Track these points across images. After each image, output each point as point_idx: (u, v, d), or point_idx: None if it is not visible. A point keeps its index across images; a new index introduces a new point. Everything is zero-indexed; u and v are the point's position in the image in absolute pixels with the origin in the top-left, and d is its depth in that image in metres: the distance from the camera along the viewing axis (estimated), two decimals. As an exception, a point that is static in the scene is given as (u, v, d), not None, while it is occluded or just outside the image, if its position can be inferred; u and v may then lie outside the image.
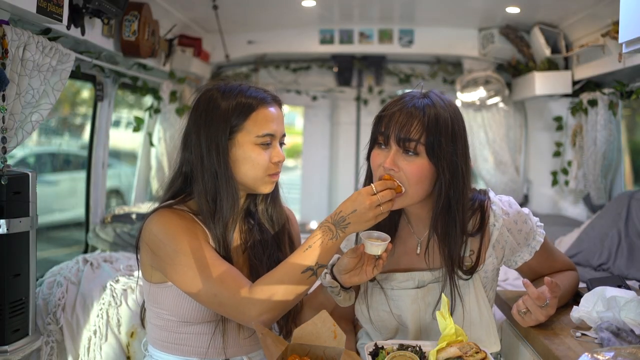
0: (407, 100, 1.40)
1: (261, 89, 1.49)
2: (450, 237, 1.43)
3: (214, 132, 1.41)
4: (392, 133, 1.36)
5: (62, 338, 2.34)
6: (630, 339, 1.29)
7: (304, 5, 3.57)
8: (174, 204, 1.45)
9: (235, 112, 1.41)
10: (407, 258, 1.53)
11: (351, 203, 1.31)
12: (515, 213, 1.51)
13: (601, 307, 1.40)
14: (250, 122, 1.41)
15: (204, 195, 1.41)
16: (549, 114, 4.02)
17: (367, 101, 4.81)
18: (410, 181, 1.36)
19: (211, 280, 1.32)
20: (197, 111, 1.45)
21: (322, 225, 1.33)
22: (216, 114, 1.41)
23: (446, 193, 1.39)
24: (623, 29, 1.58)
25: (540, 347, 1.40)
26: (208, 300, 1.34)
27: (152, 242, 1.39)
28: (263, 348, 1.20)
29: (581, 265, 2.91)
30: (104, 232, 3.15)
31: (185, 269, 1.34)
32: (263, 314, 1.30)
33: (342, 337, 1.28)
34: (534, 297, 1.37)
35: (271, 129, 1.43)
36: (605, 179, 3.41)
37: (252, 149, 1.42)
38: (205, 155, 1.41)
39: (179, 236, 1.36)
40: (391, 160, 1.36)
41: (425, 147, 1.35)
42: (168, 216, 1.40)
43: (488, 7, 3.53)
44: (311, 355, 1.27)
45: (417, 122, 1.35)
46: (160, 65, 3.49)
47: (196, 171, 1.43)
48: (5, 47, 1.79)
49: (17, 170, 1.99)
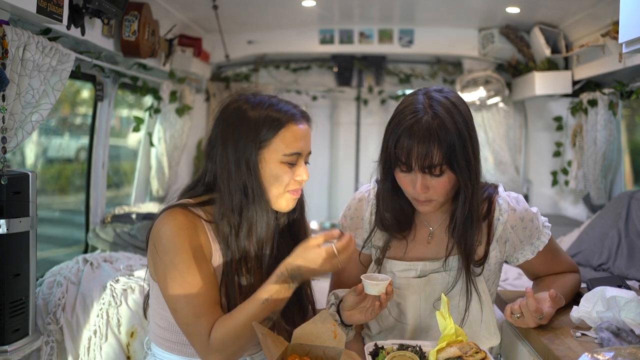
0: (418, 126, 1.38)
1: (291, 103, 1.44)
2: (467, 227, 1.45)
3: (242, 146, 1.36)
4: (416, 164, 1.38)
5: (62, 338, 2.34)
6: (630, 339, 1.29)
7: (304, 5, 3.57)
8: (192, 205, 1.42)
9: (265, 127, 1.36)
10: (415, 248, 1.55)
11: (304, 252, 1.29)
12: (522, 210, 1.52)
13: (601, 307, 1.40)
14: (279, 139, 1.37)
15: (230, 209, 1.37)
16: (549, 114, 4.02)
17: (367, 101, 4.81)
18: (440, 195, 1.42)
19: (190, 309, 1.32)
20: (224, 122, 1.40)
21: (278, 277, 1.30)
22: (245, 127, 1.37)
23: (465, 190, 1.43)
24: (623, 29, 1.58)
25: (540, 347, 1.40)
26: (180, 324, 1.35)
27: (156, 243, 1.38)
28: (263, 348, 1.20)
29: (581, 265, 2.91)
30: (104, 232, 3.15)
31: (173, 285, 1.33)
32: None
33: (342, 337, 1.28)
34: (532, 310, 1.39)
35: (299, 148, 1.38)
36: (605, 179, 3.41)
37: (278, 167, 1.37)
38: (233, 169, 1.37)
39: (181, 249, 1.34)
40: (422, 186, 1.40)
41: (447, 165, 1.39)
42: (180, 222, 1.36)
43: (488, 7, 3.53)
44: (311, 355, 1.27)
45: (435, 148, 1.36)
46: (160, 65, 3.49)
47: (223, 185, 1.38)
48: (5, 47, 1.79)
49: (17, 170, 1.99)
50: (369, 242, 1.58)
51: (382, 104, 4.83)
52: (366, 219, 1.58)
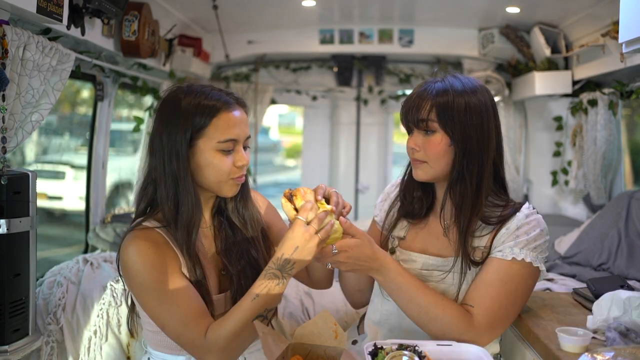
0: (422, 87, 1.47)
1: (224, 91, 1.46)
2: (464, 206, 1.43)
3: (174, 137, 1.38)
4: (409, 117, 1.45)
5: (62, 338, 2.34)
6: (639, 340, 1.27)
7: (304, 5, 3.57)
8: (145, 220, 1.44)
9: (197, 115, 1.38)
10: (426, 240, 1.55)
11: (290, 242, 1.29)
12: (531, 220, 1.43)
13: (616, 312, 1.37)
14: (212, 128, 1.39)
15: (166, 201, 1.40)
16: (549, 114, 4.02)
17: (367, 101, 4.81)
18: (430, 157, 1.44)
19: (176, 321, 1.33)
20: (160, 115, 1.43)
21: (267, 273, 1.31)
22: (177, 117, 1.39)
23: (460, 163, 1.42)
24: (623, 29, 1.58)
25: (540, 347, 1.40)
26: (172, 337, 1.36)
27: (125, 273, 1.40)
28: (263, 347, 1.20)
29: (581, 265, 2.91)
30: (104, 232, 3.15)
31: (152, 305, 1.35)
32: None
33: (343, 337, 1.28)
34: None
35: (233, 134, 1.41)
36: (605, 179, 3.41)
37: (213, 155, 1.40)
38: (166, 160, 1.39)
39: (150, 272, 1.35)
40: (413, 141, 1.46)
41: (438, 123, 1.41)
42: (141, 246, 1.37)
43: (488, 7, 3.53)
44: (312, 354, 1.27)
45: (426, 101, 1.42)
46: (160, 65, 3.49)
47: (159, 177, 1.41)
48: (5, 47, 1.79)
49: (17, 170, 1.99)
50: (387, 229, 1.62)
51: (382, 104, 4.83)
52: (391, 200, 1.65)
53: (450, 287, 1.47)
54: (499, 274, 1.39)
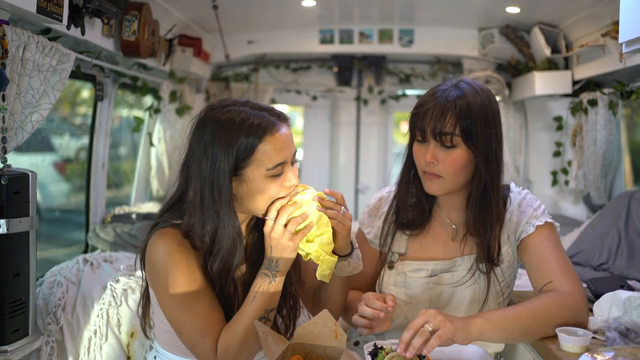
0: (439, 94, 1.42)
1: (265, 108, 1.33)
2: (486, 221, 1.44)
3: (215, 165, 1.27)
4: (428, 128, 1.40)
5: (62, 338, 2.34)
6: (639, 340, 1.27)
7: (304, 5, 3.57)
8: (175, 218, 1.38)
9: (242, 141, 1.27)
10: (432, 247, 1.54)
11: (267, 242, 1.30)
12: (526, 194, 1.51)
13: (617, 312, 1.37)
14: (259, 154, 1.27)
15: (201, 231, 1.31)
16: (549, 114, 4.02)
17: (367, 101, 4.81)
18: (449, 172, 1.41)
19: (195, 330, 1.30)
20: (197, 137, 1.32)
21: (259, 274, 1.32)
22: (219, 143, 1.28)
23: (484, 178, 1.42)
24: (623, 29, 1.58)
25: (540, 347, 1.39)
26: (187, 345, 1.34)
27: (151, 268, 1.36)
28: (263, 347, 1.20)
29: (581, 265, 2.91)
30: (104, 232, 3.15)
31: (174, 309, 1.32)
32: None
33: (342, 337, 1.28)
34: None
35: (283, 157, 1.30)
36: (605, 179, 3.41)
37: (264, 183, 1.29)
38: (207, 192, 1.28)
39: (175, 274, 1.31)
40: (431, 155, 1.41)
41: (461, 137, 1.39)
42: (172, 248, 1.31)
43: (488, 7, 3.53)
44: (312, 354, 1.27)
45: (450, 115, 1.38)
46: (160, 65, 3.49)
47: (196, 206, 1.31)
48: (5, 47, 1.79)
49: (17, 170, 1.99)
50: (386, 246, 1.58)
51: (382, 104, 4.83)
52: (382, 215, 1.60)
53: (476, 292, 1.47)
54: (540, 245, 1.43)
